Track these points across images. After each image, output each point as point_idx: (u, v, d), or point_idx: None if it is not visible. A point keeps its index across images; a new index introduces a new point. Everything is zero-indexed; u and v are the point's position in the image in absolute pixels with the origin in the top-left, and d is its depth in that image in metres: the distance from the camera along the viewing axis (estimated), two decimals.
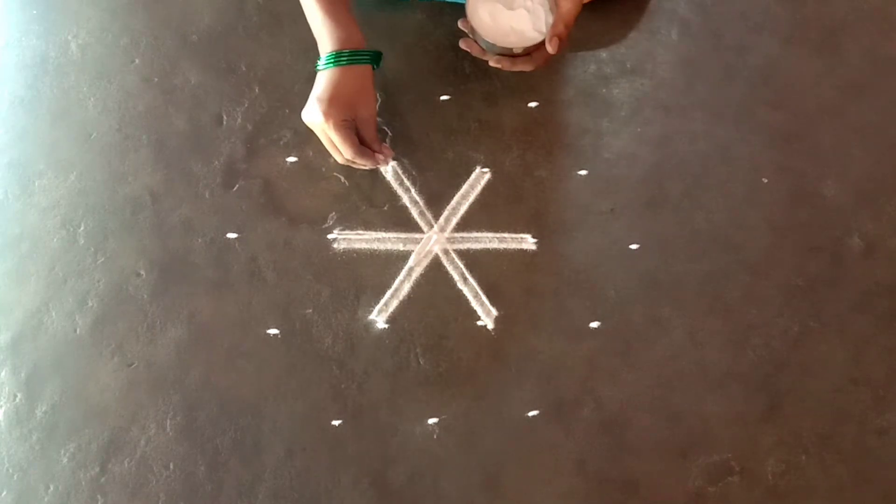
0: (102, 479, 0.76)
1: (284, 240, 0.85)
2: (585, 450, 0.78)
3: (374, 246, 0.85)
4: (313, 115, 0.78)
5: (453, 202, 0.87)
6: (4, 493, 0.75)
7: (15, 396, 0.79)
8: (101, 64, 0.93)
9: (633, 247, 0.85)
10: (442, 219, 0.86)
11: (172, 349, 0.80)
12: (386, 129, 0.89)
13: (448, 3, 0.94)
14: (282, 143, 0.89)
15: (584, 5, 0.94)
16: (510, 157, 0.89)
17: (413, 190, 0.87)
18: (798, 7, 0.99)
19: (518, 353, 0.81)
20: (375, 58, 0.81)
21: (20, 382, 0.79)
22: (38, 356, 0.80)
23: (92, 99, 0.91)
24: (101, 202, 0.86)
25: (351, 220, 0.86)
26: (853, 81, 0.94)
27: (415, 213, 0.86)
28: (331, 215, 0.86)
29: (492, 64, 0.80)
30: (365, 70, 0.80)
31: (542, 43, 0.77)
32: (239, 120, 0.90)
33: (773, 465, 0.78)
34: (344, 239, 0.85)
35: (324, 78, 0.78)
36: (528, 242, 0.85)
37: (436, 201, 0.87)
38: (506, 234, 0.85)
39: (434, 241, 0.85)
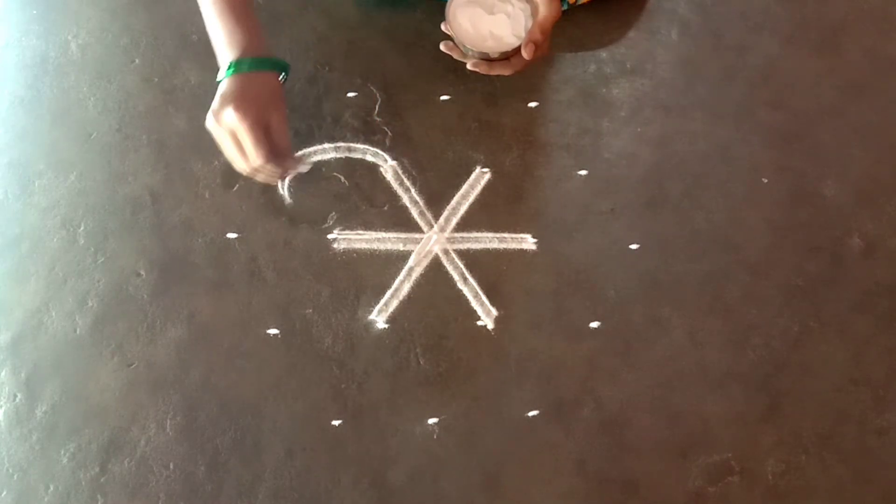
0: (102, 479, 0.76)
1: (284, 240, 0.85)
2: (585, 450, 0.78)
3: (374, 246, 0.85)
4: (226, 112, 0.72)
5: (453, 202, 0.87)
6: (4, 493, 0.75)
7: (15, 396, 0.79)
8: (101, 64, 0.93)
9: (633, 247, 0.85)
10: (442, 219, 0.86)
11: (172, 349, 0.80)
12: (386, 129, 0.89)
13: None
14: None
15: (584, 5, 0.95)
16: (510, 157, 0.89)
17: (413, 190, 0.87)
18: (798, 7, 0.99)
19: (518, 353, 0.81)
20: (281, 67, 0.78)
21: (20, 382, 0.79)
22: (38, 356, 0.80)
23: (92, 99, 0.91)
24: (101, 202, 0.86)
25: (351, 220, 0.86)
26: (853, 81, 0.94)
27: (415, 213, 0.86)
28: (331, 215, 0.86)
29: (469, 67, 0.78)
30: (271, 77, 0.76)
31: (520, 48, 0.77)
32: None
33: (773, 465, 0.78)
34: (344, 239, 0.85)
35: (228, 83, 0.74)
36: (528, 242, 0.85)
37: (436, 201, 0.87)
38: (506, 234, 0.86)
39: (434, 241, 0.85)
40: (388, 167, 0.88)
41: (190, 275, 0.83)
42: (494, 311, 0.82)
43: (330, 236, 0.85)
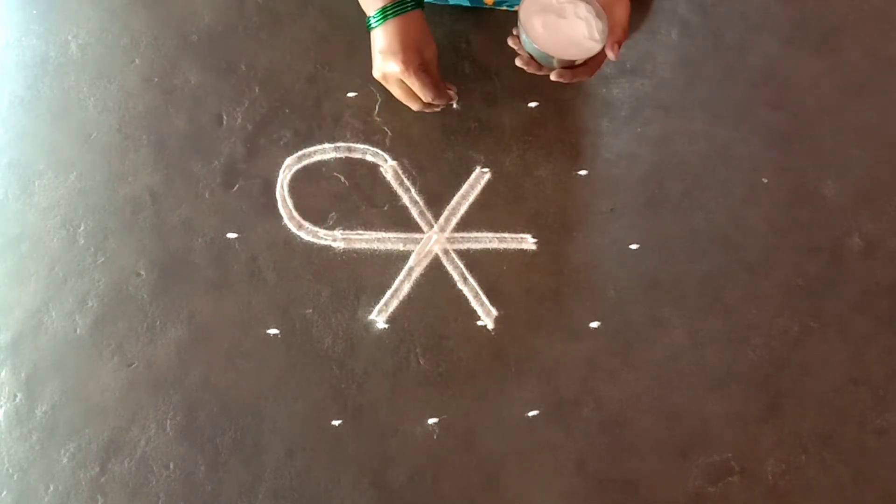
0: (102, 479, 0.76)
1: (284, 240, 0.85)
2: (585, 450, 0.78)
3: (374, 246, 0.85)
4: (390, 66, 0.78)
5: (453, 202, 0.87)
6: (4, 493, 0.75)
7: (15, 396, 0.79)
8: (101, 64, 0.93)
9: (633, 247, 0.85)
10: (442, 219, 0.86)
11: (172, 349, 0.80)
12: (386, 129, 0.89)
13: (448, 4, 0.94)
14: (282, 143, 0.89)
15: None
16: (510, 157, 0.89)
17: (413, 190, 0.87)
18: (798, 7, 0.99)
19: (518, 353, 0.81)
20: (419, 2, 0.80)
21: (20, 382, 0.79)
22: (38, 356, 0.80)
23: (92, 99, 0.91)
24: (101, 202, 0.86)
25: (351, 220, 0.86)
26: (853, 81, 0.94)
27: (415, 213, 0.86)
28: (331, 215, 0.86)
29: (553, 78, 0.77)
30: (417, 14, 0.79)
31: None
32: (239, 120, 0.90)
33: (773, 465, 0.78)
34: (344, 239, 0.85)
35: (383, 32, 0.78)
36: (528, 242, 0.85)
37: (436, 201, 0.87)
38: (506, 234, 0.86)
39: (434, 241, 0.85)
40: (388, 167, 0.88)
41: (190, 275, 0.83)
42: (494, 311, 0.82)
43: (330, 236, 0.85)
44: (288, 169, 0.88)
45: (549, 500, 0.76)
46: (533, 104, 0.91)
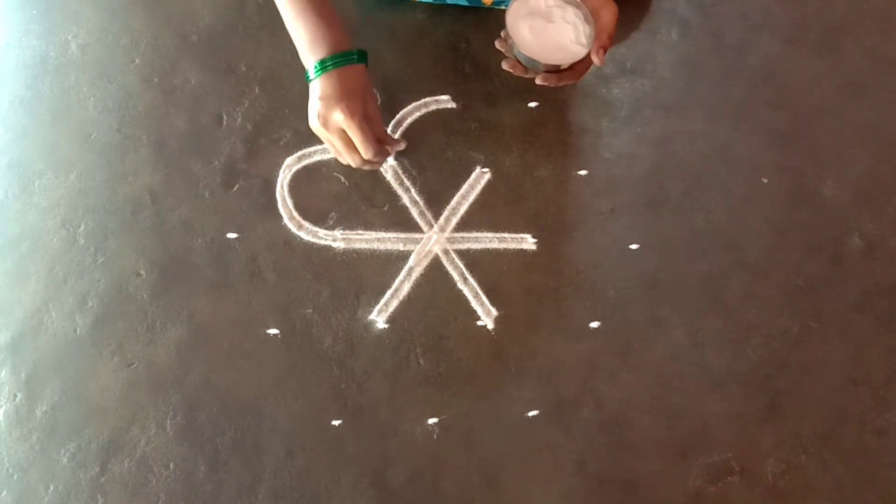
0: (102, 479, 0.76)
1: (284, 240, 0.85)
2: (585, 450, 0.78)
3: (374, 246, 0.85)
4: (333, 113, 0.74)
5: (453, 202, 0.87)
6: (4, 493, 0.75)
7: (15, 396, 0.79)
8: (101, 64, 0.93)
9: (633, 247, 0.85)
10: (442, 219, 0.86)
11: (172, 349, 0.80)
12: (386, 129, 0.89)
13: (448, 4, 0.94)
14: (282, 143, 0.89)
15: None
16: (510, 157, 0.89)
17: (413, 190, 0.87)
18: (798, 7, 0.99)
19: (518, 353, 0.81)
20: (363, 56, 0.78)
21: (20, 382, 0.79)
22: (38, 356, 0.80)
23: (92, 99, 0.91)
24: (101, 202, 0.86)
25: (351, 220, 0.86)
26: (853, 81, 0.94)
27: (415, 213, 0.86)
28: (331, 215, 0.86)
29: (538, 82, 0.77)
30: (359, 69, 0.77)
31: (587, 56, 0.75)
32: (239, 120, 0.90)
33: (773, 465, 0.78)
34: (344, 239, 0.85)
35: (326, 81, 0.75)
36: (528, 242, 0.85)
37: (436, 201, 0.87)
38: (506, 234, 0.86)
39: (434, 241, 0.85)
40: (388, 167, 0.88)
41: (190, 275, 0.83)
42: (494, 311, 0.82)
43: (330, 236, 0.85)
44: (288, 169, 0.88)
45: (549, 500, 0.76)
46: (533, 104, 0.91)
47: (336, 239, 0.85)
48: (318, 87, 0.75)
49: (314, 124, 0.76)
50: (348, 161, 0.79)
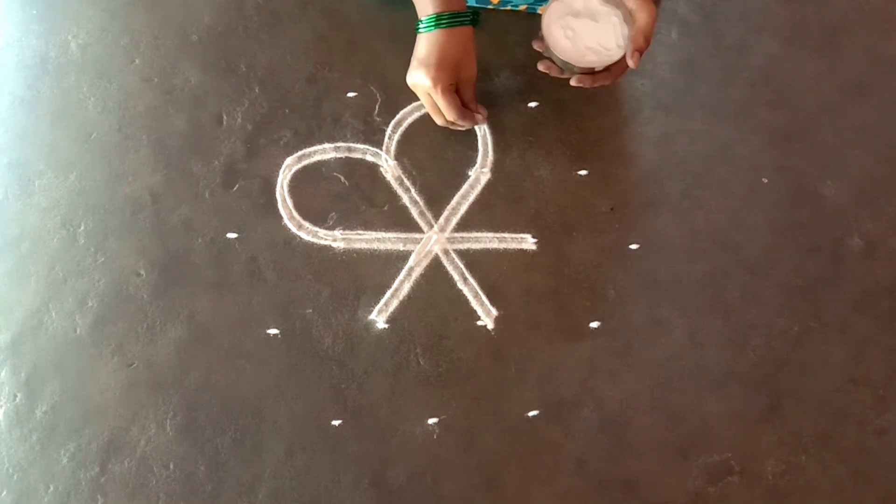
0: (102, 479, 0.76)
1: (284, 240, 0.85)
2: (585, 450, 0.78)
3: (374, 246, 0.85)
4: (420, 78, 0.78)
5: (453, 202, 0.87)
6: (4, 493, 0.75)
7: (15, 396, 0.79)
8: (101, 64, 0.93)
9: (633, 247, 0.85)
10: (442, 219, 0.86)
11: (172, 349, 0.80)
12: (386, 128, 0.89)
13: None
14: (282, 143, 0.89)
15: None
16: (510, 157, 0.89)
17: (413, 190, 0.87)
18: (798, 7, 0.99)
19: (518, 353, 0.81)
20: (475, 18, 0.79)
21: (20, 382, 0.79)
22: (38, 356, 0.80)
23: (92, 99, 0.91)
24: (101, 202, 0.86)
25: (351, 220, 0.86)
26: (853, 81, 0.94)
27: (415, 213, 0.86)
28: (331, 215, 0.86)
29: (573, 83, 0.78)
30: (467, 32, 0.78)
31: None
32: (239, 120, 0.90)
33: (773, 465, 0.78)
34: (344, 239, 0.85)
35: (427, 41, 0.77)
36: (528, 242, 0.85)
37: (436, 201, 0.87)
38: (506, 234, 0.86)
39: (434, 241, 0.85)
40: (388, 167, 0.88)
41: (190, 275, 0.83)
42: (494, 311, 0.82)
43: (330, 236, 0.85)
44: (288, 169, 0.88)
45: (549, 500, 0.76)
46: (533, 104, 0.91)
47: (336, 239, 0.85)
48: (420, 46, 0.79)
49: (409, 81, 0.80)
50: (435, 119, 0.84)
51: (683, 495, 0.76)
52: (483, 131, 0.87)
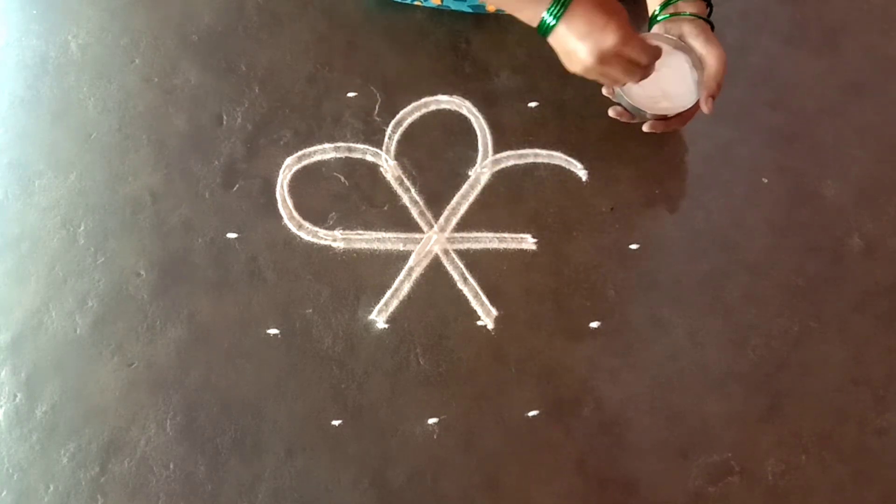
0: (102, 479, 0.76)
1: (284, 240, 0.85)
2: (585, 450, 0.78)
3: (374, 246, 0.85)
4: (607, 40, 0.67)
5: (453, 202, 0.87)
6: (4, 493, 0.75)
7: (15, 396, 0.79)
8: (101, 64, 0.93)
9: (633, 247, 0.85)
10: (442, 219, 0.86)
11: (172, 349, 0.80)
12: (386, 128, 0.89)
13: (449, 9, 0.93)
14: (282, 143, 0.89)
15: None
16: (510, 156, 0.89)
17: (413, 190, 0.87)
18: (798, 7, 0.99)
19: (518, 353, 0.81)
20: None
21: (20, 382, 0.79)
22: (38, 356, 0.80)
23: (92, 99, 0.91)
24: (101, 202, 0.86)
25: (351, 220, 0.86)
26: (853, 81, 0.94)
27: (415, 213, 0.86)
28: (331, 215, 0.86)
29: (646, 129, 0.79)
30: None
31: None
32: (239, 120, 0.90)
33: (773, 465, 0.78)
34: (344, 239, 0.85)
35: (574, 17, 0.68)
36: (528, 242, 0.85)
37: (436, 201, 0.87)
38: (506, 234, 0.86)
39: (434, 241, 0.85)
40: (388, 167, 0.88)
41: (190, 275, 0.83)
42: (494, 311, 0.82)
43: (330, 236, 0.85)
44: (288, 169, 0.88)
45: (549, 500, 0.76)
46: (533, 104, 0.91)
47: (336, 239, 0.85)
48: (571, 28, 0.69)
49: (588, 63, 0.70)
50: (630, 79, 0.73)
51: (683, 495, 0.76)
52: (483, 131, 0.87)
